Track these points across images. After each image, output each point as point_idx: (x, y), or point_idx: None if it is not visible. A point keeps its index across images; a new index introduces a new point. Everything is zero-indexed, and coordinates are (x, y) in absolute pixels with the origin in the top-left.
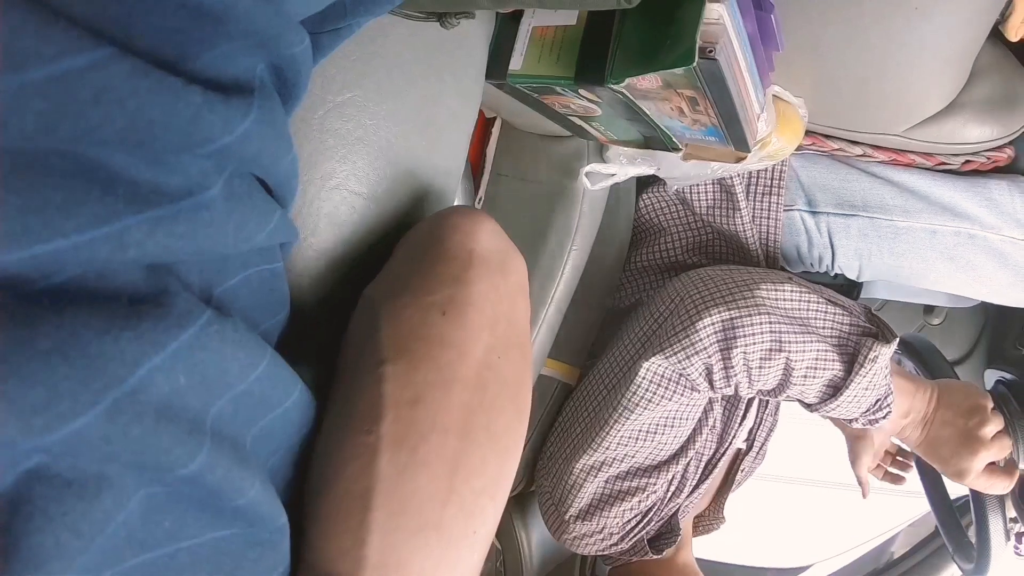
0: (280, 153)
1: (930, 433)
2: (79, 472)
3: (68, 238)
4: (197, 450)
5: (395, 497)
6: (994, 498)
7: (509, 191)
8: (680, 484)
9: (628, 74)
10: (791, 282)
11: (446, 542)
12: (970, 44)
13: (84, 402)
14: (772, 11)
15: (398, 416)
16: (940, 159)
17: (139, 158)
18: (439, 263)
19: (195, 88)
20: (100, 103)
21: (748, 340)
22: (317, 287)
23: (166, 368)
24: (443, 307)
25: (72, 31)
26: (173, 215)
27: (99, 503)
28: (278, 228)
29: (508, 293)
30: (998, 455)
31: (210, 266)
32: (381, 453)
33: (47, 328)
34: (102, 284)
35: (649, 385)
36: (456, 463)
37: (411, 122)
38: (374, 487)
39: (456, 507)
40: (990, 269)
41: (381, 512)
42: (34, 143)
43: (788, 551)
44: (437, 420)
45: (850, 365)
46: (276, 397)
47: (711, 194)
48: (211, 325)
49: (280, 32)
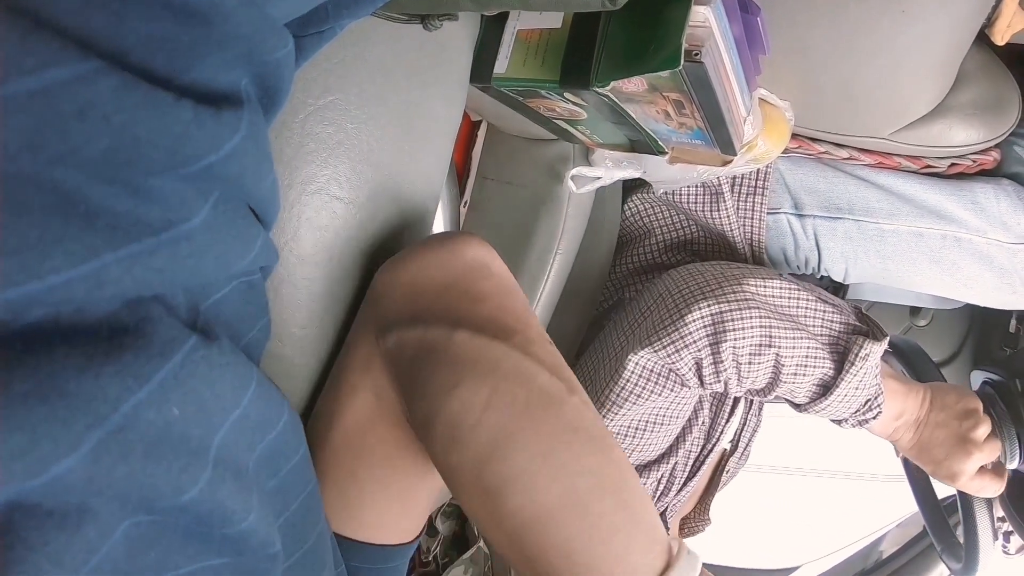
0: (263, 172)
1: (923, 436)
2: (61, 503)
3: (44, 280)
4: (192, 483)
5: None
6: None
7: (495, 195)
8: (668, 484)
9: (613, 77)
10: (780, 278)
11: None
12: (956, 47)
13: (66, 444)
14: (758, 14)
15: (608, 429)
16: (926, 162)
17: (121, 185)
18: (502, 296)
19: (186, 103)
20: (85, 119)
21: (738, 335)
22: (297, 293)
23: (156, 401)
24: (545, 337)
25: (55, 42)
26: (152, 249)
27: (81, 534)
28: (260, 253)
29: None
30: (989, 458)
31: (194, 288)
32: (626, 458)
33: (23, 371)
34: (79, 319)
35: (637, 380)
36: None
37: (393, 126)
38: (639, 487)
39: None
40: (975, 271)
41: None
42: (16, 164)
43: (776, 552)
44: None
45: (840, 364)
46: (270, 418)
47: (697, 195)
48: (197, 351)
49: (265, 35)
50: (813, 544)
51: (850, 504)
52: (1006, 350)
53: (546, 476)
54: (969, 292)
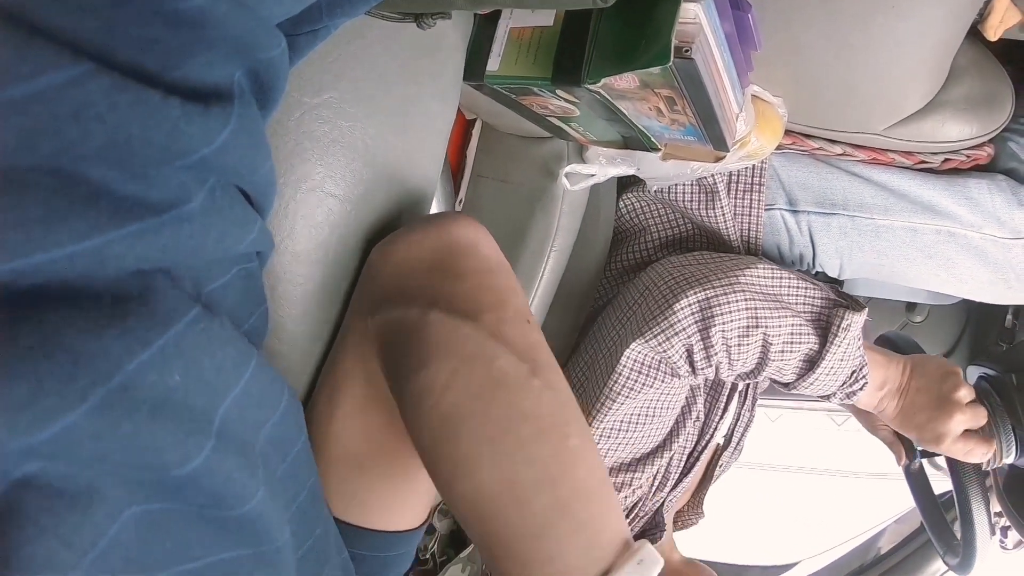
0: (258, 162)
1: (905, 401)
2: (70, 482)
3: (48, 252)
4: (197, 450)
5: (608, 482)
6: (978, 492)
7: (489, 193)
8: (664, 478)
9: (605, 74)
10: (762, 261)
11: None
12: (949, 43)
13: (71, 398)
14: (749, 10)
15: (574, 418)
16: (920, 158)
17: (120, 172)
18: (484, 275)
19: (174, 100)
20: (79, 119)
21: (726, 318)
22: (293, 289)
23: (157, 365)
24: (525, 316)
25: (49, 48)
26: (155, 228)
27: (90, 515)
28: (258, 238)
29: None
30: (973, 422)
31: (198, 269)
32: (587, 452)
33: (28, 327)
34: (85, 284)
35: (631, 373)
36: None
37: (388, 124)
38: (603, 479)
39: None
40: (970, 267)
41: (611, 493)
42: (15, 159)
43: (773, 548)
44: (579, 409)
45: (824, 338)
46: (271, 399)
47: (692, 192)
48: (199, 322)
49: (257, 36)
50: (811, 540)
51: (848, 500)
52: (1002, 345)
53: (488, 463)
54: (964, 287)
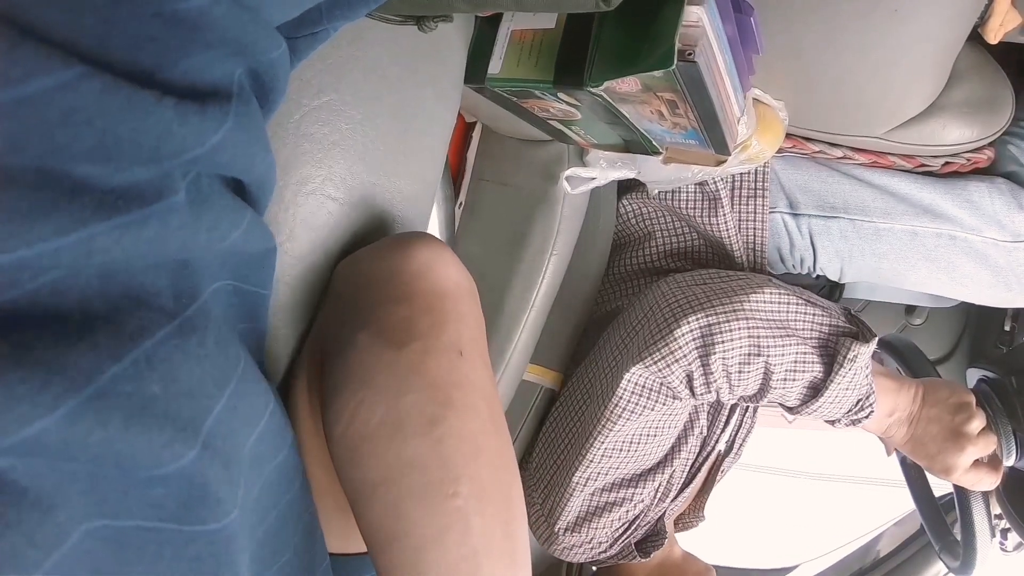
0: (257, 157)
1: (916, 431)
2: (36, 481)
3: (32, 247)
4: (175, 458)
5: (498, 550)
6: (978, 494)
7: (490, 196)
8: (666, 491)
9: (607, 77)
10: (770, 284)
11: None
12: (950, 46)
13: (43, 406)
14: (752, 14)
15: (471, 474)
16: (920, 161)
17: (105, 167)
18: (432, 298)
19: (168, 101)
20: (68, 123)
21: (727, 345)
22: (294, 292)
23: (132, 377)
24: (459, 347)
25: (41, 51)
26: (142, 220)
27: (52, 516)
28: (252, 228)
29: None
30: (983, 451)
31: (189, 268)
32: (472, 514)
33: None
34: (56, 301)
35: (631, 396)
36: (510, 495)
37: (388, 127)
38: (479, 548)
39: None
40: (970, 270)
41: (496, 565)
42: (1, 160)
43: (773, 551)
44: (494, 464)
45: (830, 366)
46: (254, 413)
47: (694, 199)
48: (170, 340)
49: (256, 38)
50: (811, 543)
51: (847, 503)
52: (1001, 348)
53: (374, 505)
54: (964, 290)
